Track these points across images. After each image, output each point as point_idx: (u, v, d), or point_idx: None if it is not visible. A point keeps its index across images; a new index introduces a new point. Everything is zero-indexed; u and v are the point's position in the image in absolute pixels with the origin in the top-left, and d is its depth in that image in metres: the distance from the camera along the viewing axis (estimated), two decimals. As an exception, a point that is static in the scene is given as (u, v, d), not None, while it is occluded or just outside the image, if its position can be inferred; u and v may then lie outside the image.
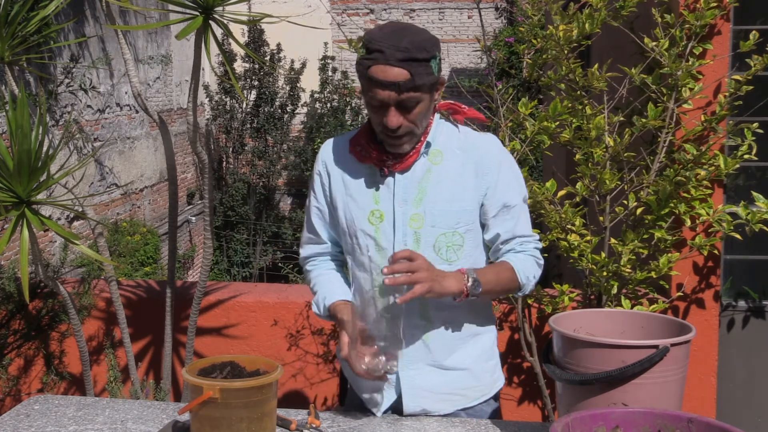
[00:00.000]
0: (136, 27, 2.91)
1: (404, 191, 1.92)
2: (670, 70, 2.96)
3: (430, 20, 14.75)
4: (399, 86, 1.78)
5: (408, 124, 1.84)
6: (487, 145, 1.97)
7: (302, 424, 1.84)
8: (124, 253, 8.49)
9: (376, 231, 1.93)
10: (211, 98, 12.79)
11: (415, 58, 1.78)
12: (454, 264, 1.93)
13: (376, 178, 1.95)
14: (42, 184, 2.61)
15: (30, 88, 6.81)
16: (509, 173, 1.98)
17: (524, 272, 1.94)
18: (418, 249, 1.90)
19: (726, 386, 3.37)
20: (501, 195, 1.95)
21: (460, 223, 1.93)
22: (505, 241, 1.97)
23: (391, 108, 1.81)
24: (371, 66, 1.80)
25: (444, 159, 1.94)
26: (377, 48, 1.79)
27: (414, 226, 1.91)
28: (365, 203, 1.95)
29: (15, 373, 3.48)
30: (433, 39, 1.85)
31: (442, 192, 1.92)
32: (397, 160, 1.91)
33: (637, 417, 1.47)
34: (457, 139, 1.97)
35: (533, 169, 9.19)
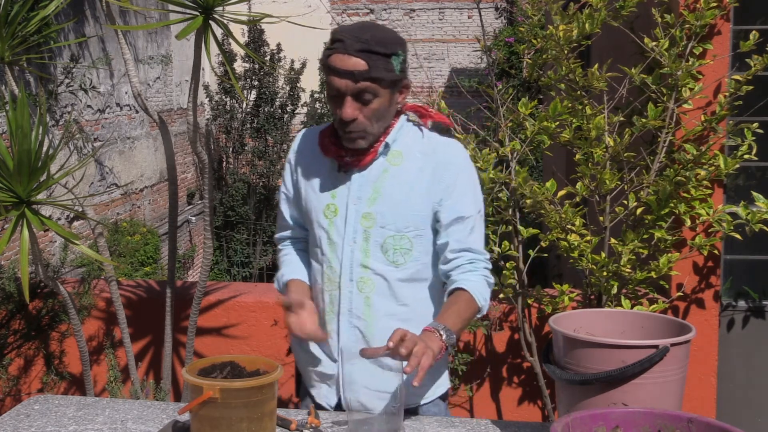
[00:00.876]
0: (136, 27, 2.91)
1: (359, 189, 1.94)
2: (670, 70, 2.96)
3: (430, 20, 14.75)
4: (354, 75, 1.81)
5: (363, 119, 1.85)
6: (449, 152, 1.97)
7: (302, 424, 1.84)
8: (124, 253, 8.49)
9: (330, 225, 1.96)
10: (211, 98, 12.78)
11: (373, 50, 1.81)
12: (401, 267, 1.94)
13: (335, 172, 1.98)
14: (42, 184, 2.61)
15: (30, 88, 6.81)
16: (467, 183, 1.96)
17: (481, 296, 1.93)
18: (366, 247, 1.93)
19: (726, 386, 3.37)
20: (455, 204, 1.94)
21: (409, 227, 1.93)
22: (455, 251, 1.94)
23: (347, 98, 1.84)
24: (331, 55, 1.84)
25: (404, 161, 1.95)
26: (339, 38, 1.84)
27: (365, 224, 1.93)
28: (323, 196, 1.99)
29: (15, 373, 3.48)
30: (398, 38, 1.88)
31: (395, 194, 1.93)
32: (355, 157, 1.94)
33: (637, 417, 1.47)
34: (420, 143, 1.97)
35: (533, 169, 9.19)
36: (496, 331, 3.44)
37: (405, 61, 1.89)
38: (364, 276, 1.94)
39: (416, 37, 14.66)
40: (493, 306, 3.42)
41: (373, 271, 1.94)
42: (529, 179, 3.00)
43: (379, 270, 1.94)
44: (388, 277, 1.94)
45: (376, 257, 1.93)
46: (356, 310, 1.95)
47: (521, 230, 3.13)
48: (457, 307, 1.88)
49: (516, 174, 3.06)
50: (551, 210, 2.97)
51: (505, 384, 3.46)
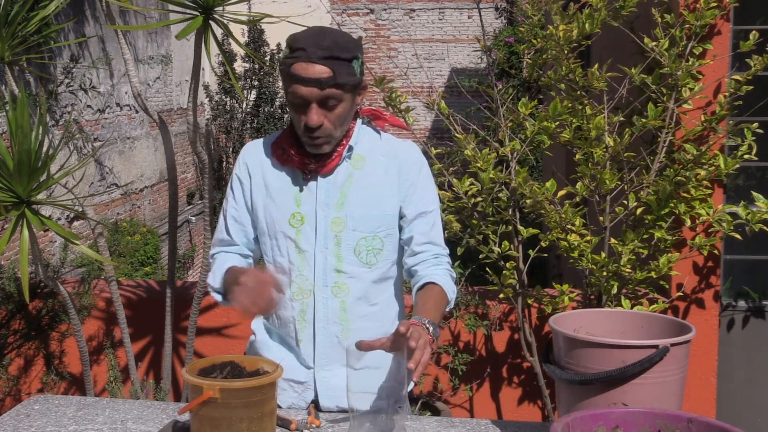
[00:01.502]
0: (136, 27, 2.91)
1: (326, 195, 1.94)
2: (670, 70, 2.96)
3: (430, 20, 14.75)
4: (321, 83, 1.81)
5: (328, 125, 1.86)
6: (408, 152, 2.01)
7: (302, 424, 1.84)
8: (124, 253, 8.49)
9: (297, 233, 1.95)
10: (211, 98, 12.78)
11: (337, 57, 1.81)
12: (374, 267, 1.96)
13: (299, 180, 1.97)
14: (42, 184, 2.61)
15: (30, 88, 6.81)
16: (427, 180, 2.02)
17: (450, 288, 1.96)
18: (338, 252, 1.93)
19: (726, 386, 3.37)
20: (418, 200, 1.98)
21: (380, 227, 1.96)
22: (420, 244, 1.98)
23: (312, 105, 1.83)
24: (293, 63, 1.83)
25: (366, 164, 1.97)
26: (300, 47, 1.82)
27: (335, 229, 1.94)
28: (286, 206, 1.96)
29: (15, 373, 3.48)
30: (356, 41, 1.89)
31: (363, 197, 1.95)
32: (320, 163, 1.93)
33: (637, 417, 1.47)
34: (379, 145, 2.00)
35: (533, 169, 9.19)
36: (496, 331, 3.44)
37: (363, 62, 1.92)
38: (339, 281, 1.94)
39: (416, 37, 14.66)
40: (493, 306, 3.42)
41: (348, 274, 1.95)
42: (529, 179, 3.00)
43: (353, 273, 1.95)
44: (362, 279, 1.96)
45: (349, 260, 1.94)
46: (332, 315, 1.96)
47: (521, 230, 3.13)
48: (434, 301, 1.90)
49: (516, 174, 3.06)
50: (551, 210, 2.97)
51: (505, 384, 3.46)
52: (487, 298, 3.44)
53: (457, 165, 3.82)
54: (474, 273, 3.70)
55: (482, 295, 3.47)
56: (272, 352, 2.03)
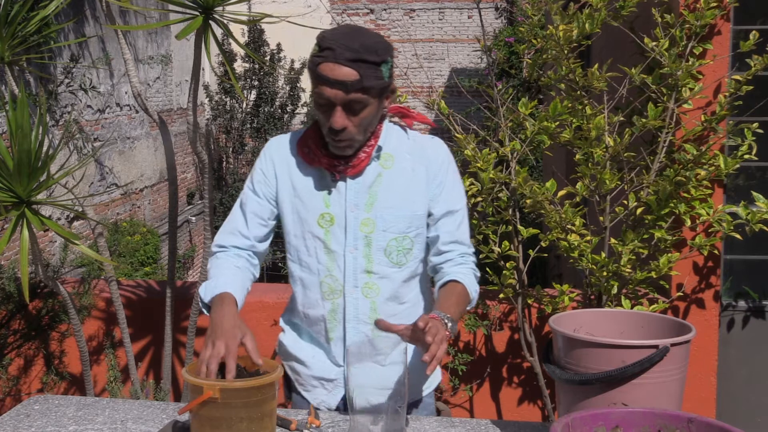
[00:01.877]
0: (136, 27, 2.91)
1: (356, 196, 1.92)
2: (670, 70, 2.96)
3: (430, 20, 14.75)
4: (347, 86, 1.77)
5: (352, 128, 1.83)
6: (436, 150, 1.99)
7: (302, 424, 1.84)
8: (124, 253, 8.49)
9: (326, 234, 1.93)
10: (211, 98, 12.79)
11: (365, 60, 1.77)
12: (404, 267, 1.95)
13: (327, 181, 1.94)
14: (42, 184, 2.61)
15: (30, 88, 6.81)
16: (455, 178, 2.00)
17: (473, 287, 1.96)
18: (369, 253, 1.92)
19: (726, 386, 3.37)
20: (446, 198, 1.96)
21: (411, 227, 1.94)
22: (446, 243, 1.97)
23: (337, 108, 1.80)
24: (320, 63, 1.79)
25: (395, 163, 1.95)
26: (328, 46, 1.79)
27: (365, 230, 1.92)
28: (315, 206, 1.94)
29: (15, 373, 3.48)
30: (386, 44, 1.85)
31: (393, 197, 1.93)
32: (349, 165, 1.91)
33: (637, 417, 1.47)
34: (406, 144, 1.98)
35: (533, 169, 9.19)
36: (496, 331, 3.44)
37: (392, 66, 1.88)
38: (369, 281, 1.94)
39: (416, 37, 14.66)
40: (493, 306, 3.42)
41: (378, 275, 1.94)
42: (529, 179, 3.00)
43: (384, 273, 1.94)
44: (392, 279, 1.95)
45: (379, 261, 1.93)
46: (363, 315, 1.95)
47: (521, 230, 3.13)
48: (456, 298, 1.90)
49: (516, 174, 3.06)
50: (551, 210, 2.97)
51: (505, 384, 3.46)
52: (487, 298, 3.44)
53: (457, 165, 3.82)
54: (474, 273, 3.69)
55: (482, 295, 3.47)
56: (303, 350, 2.04)
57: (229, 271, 1.95)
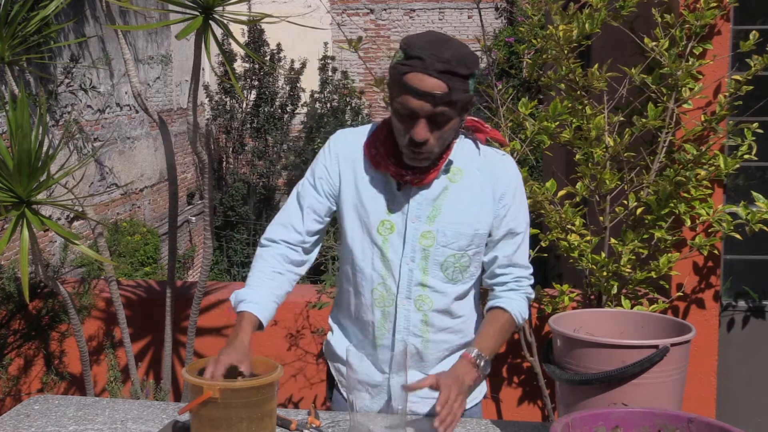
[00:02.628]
0: (136, 27, 2.91)
1: (418, 207, 1.88)
2: (670, 70, 2.96)
3: (430, 20, 14.75)
4: (435, 98, 1.70)
5: (433, 141, 1.77)
6: (506, 169, 1.93)
7: (302, 424, 1.84)
8: (124, 253, 8.49)
9: (384, 242, 1.89)
10: (211, 98, 12.79)
11: (455, 72, 1.71)
12: (459, 283, 1.92)
13: (391, 188, 1.89)
14: (42, 184, 2.61)
15: (30, 88, 6.81)
16: (522, 199, 1.96)
17: (520, 314, 1.95)
18: (425, 266, 1.88)
19: (726, 386, 3.37)
20: (510, 220, 1.93)
21: (471, 245, 1.90)
22: (503, 266, 1.95)
23: (421, 120, 1.74)
24: (408, 73, 1.72)
25: (463, 178, 1.89)
26: (417, 55, 1.71)
27: (424, 243, 1.88)
28: (376, 212, 1.89)
29: (15, 373, 3.48)
30: (475, 56, 1.79)
31: (457, 213, 1.88)
32: (417, 176, 1.85)
33: (637, 417, 1.47)
34: (477, 159, 1.92)
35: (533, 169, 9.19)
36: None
37: (477, 79, 1.82)
38: (423, 294, 1.90)
39: (416, 37, 14.65)
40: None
41: (432, 288, 1.90)
42: (529, 179, 3.00)
43: (438, 287, 1.90)
44: (446, 294, 1.92)
45: (435, 275, 1.89)
46: (413, 327, 1.92)
47: (521, 230, 3.13)
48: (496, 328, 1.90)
49: (516, 174, 3.06)
50: (551, 210, 2.97)
51: (505, 384, 3.46)
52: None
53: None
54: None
55: (482, 295, 3.46)
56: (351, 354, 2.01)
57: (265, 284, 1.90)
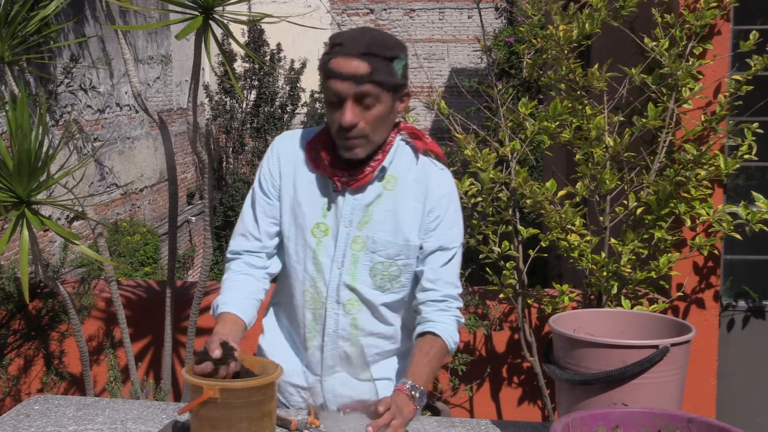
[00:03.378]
0: (136, 27, 2.91)
1: (351, 212, 1.88)
2: (670, 70, 2.96)
3: (430, 20, 14.76)
4: (357, 78, 1.73)
5: (364, 125, 1.77)
6: (440, 183, 1.92)
7: (302, 424, 1.84)
8: (124, 253, 8.49)
9: (318, 244, 1.89)
10: (211, 98, 12.79)
11: (375, 53, 1.74)
12: (388, 292, 1.91)
13: (328, 191, 1.89)
14: (42, 184, 2.61)
15: (30, 88, 6.81)
16: (455, 216, 1.94)
17: (451, 338, 1.92)
18: (355, 271, 1.88)
19: (726, 386, 3.37)
20: (440, 235, 1.91)
21: (400, 255, 1.89)
22: (430, 281, 1.92)
23: (348, 102, 1.75)
24: (331, 59, 1.77)
25: (397, 186, 1.89)
26: (339, 42, 1.77)
27: (355, 248, 1.88)
28: (312, 214, 1.90)
29: (15, 373, 3.48)
30: (399, 43, 1.82)
31: (388, 221, 1.88)
32: (352, 178, 1.86)
33: (637, 417, 1.47)
34: (414, 169, 1.91)
35: (533, 169, 9.19)
36: (496, 331, 3.44)
37: (406, 66, 1.83)
38: (351, 299, 1.90)
39: (416, 37, 14.66)
40: (493, 306, 3.42)
41: (360, 294, 1.90)
42: (529, 179, 3.00)
43: (365, 294, 1.90)
44: (374, 302, 1.91)
45: (363, 281, 1.89)
46: (342, 331, 1.93)
47: (521, 230, 3.13)
48: (430, 358, 1.86)
49: (516, 174, 3.06)
50: (551, 210, 2.97)
51: (505, 384, 3.46)
52: (487, 298, 3.44)
53: (457, 165, 3.82)
54: (474, 273, 3.70)
55: (482, 295, 3.47)
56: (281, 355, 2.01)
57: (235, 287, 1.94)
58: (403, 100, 1.85)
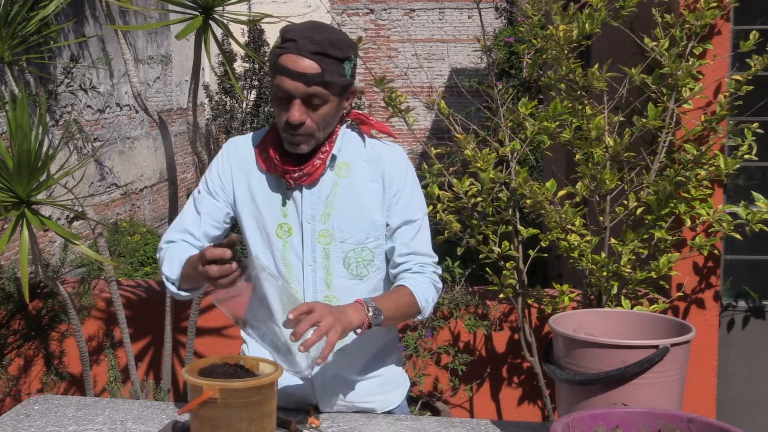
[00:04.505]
0: (136, 27, 2.92)
1: (311, 207, 1.87)
2: (670, 70, 2.96)
3: (430, 20, 14.75)
4: (307, 78, 1.72)
5: (311, 124, 1.78)
6: (394, 158, 1.91)
7: (302, 424, 1.84)
8: (124, 253, 8.49)
9: (284, 245, 1.88)
10: (211, 98, 12.77)
11: (327, 54, 1.73)
12: (366, 279, 1.90)
13: (283, 190, 1.88)
14: (42, 184, 2.61)
15: (30, 88, 6.81)
16: (414, 187, 1.93)
17: (423, 295, 1.89)
18: (327, 265, 1.87)
19: (726, 386, 3.37)
20: (403, 208, 1.90)
21: (369, 238, 1.89)
22: (403, 255, 1.91)
23: (296, 101, 1.75)
24: (282, 54, 1.75)
25: (351, 172, 1.88)
26: (291, 38, 1.74)
27: (323, 242, 1.87)
28: (272, 215, 1.89)
29: (15, 373, 3.48)
30: (351, 42, 1.81)
31: (349, 207, 1.87)
32: (303, 173, 1.84)
33: (637, 417, 1.47)
34: (364, 152, 1.91)
35: (533, 169, 9.19)
36: (496, 331, 3.44)
37: (355, 65, 1.84)
38: (329, 295, 1.88)
39: (416, 37, 14.66)
40: (493, 306, 3.42)
41: (338, 288, 1.89)
42: (529, 179, 3.00)
43: (344, 286, 1.89)
44: (353, 292, 1.88)
45: (339, 273, 1.88)
46: None
47: (521, 230, 3.13)
48: (395, 294, 1.85)
49: (516, 174, 3.06)
50: (551, 210, 2.97)
51: (505, 384, 3.46)
52: (487, 298, 3.44)
53: (457, 165, 3.82)
54: (474, 273, 3.70)
55: (482, 295, 3.47)
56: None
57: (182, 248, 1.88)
58: (349, 98, 1.86)
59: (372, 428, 1.88)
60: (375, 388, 1.99)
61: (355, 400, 1.97)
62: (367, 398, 1.98)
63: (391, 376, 2.03)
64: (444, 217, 3.09)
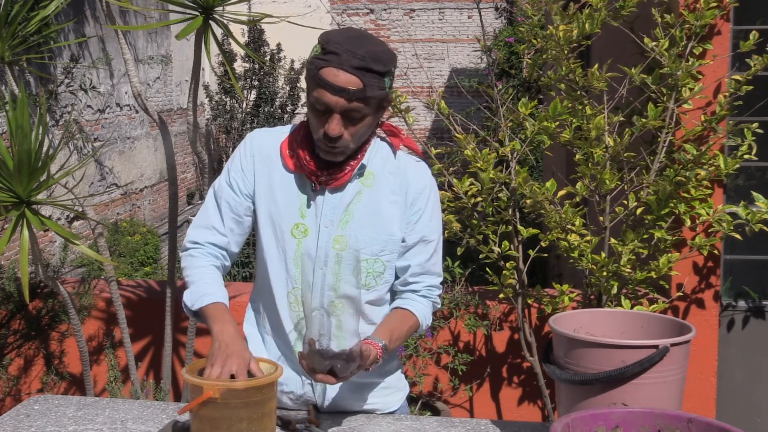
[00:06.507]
0: (136, 27, 2.92)
1: (332, 211, 1.86)
2: (670, 70, 2.96)
3: (430, 20, 14.75)
4: (349, 94, 1.70)
5: (348, 137, 1.77)
6: (419, 175, 1.91)
7: (302, 424, 1.84)
8: (124, 253, 8.48)
9: (298, 245, 1.87)
10: (211, 98, 12.77)
11: (370, 69, 1.71)
12: (372, 290, 1.90)
13: (306, 190, 1.87)
14: (42, 184, 2.61)
15: (30, 88, 6.81)
16: (434, 207, 1.93)
17: (425, 320, 1.93)
18: (338, 271, 1.87)
19: (726, 386, 3.37)
20: (422, 227, 1.90)
21: (384, 251, 1.88)
22: (415, 275, 1.92)
23: (335, 115, 1.73)
24: (324, 67, 1.72)
25: (376, 182, 1.88)
26: (333, 50, 1.72)
27: (337, 248, 1.86)
28: (290, 214, 1.86)
29: (15, 373, 3.48)
30: (392, 54, 1.79)
31: (369, 217, 1.87)
32: (331, 177, 1.83)
33: (637, 417, 1.47)
34: (391, 164, 1.90)
35: (533, 169, 9.19)
36: (496, 331, 3.44)
37: (393, 76, 1.82)
38: (335, 300, 1.88)
39: (416, 37, 14.66)
40: (493, 306, 3.42)
41: (345, 294, 1.88)
42: (529, 179, 3.00)
43: (351, 293, 1.89)
44: (360, 300, 1.89)
45: (347, 281, 1.87)
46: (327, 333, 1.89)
47: (521, 230, 3.13)
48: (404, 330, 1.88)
49: (516, 174, 3.06)
50: (551, 210, 2.97)
51: (505, 384, 3.46)
52: (487, 298, 3.44)
53: (457, 165, 3.82)
54: (474, 273, 3.70)
55: (482, 295, 3.47)
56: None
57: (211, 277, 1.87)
58: (385, 107, 1.84)
59: (372, 428, 1.88)
60: (375, 391, 2.00)
61: (355, 403, 1.97)
62: (367, 401, 1.99)
63: (391, 381, 2.03)
64: (444, 217, 3.09)
